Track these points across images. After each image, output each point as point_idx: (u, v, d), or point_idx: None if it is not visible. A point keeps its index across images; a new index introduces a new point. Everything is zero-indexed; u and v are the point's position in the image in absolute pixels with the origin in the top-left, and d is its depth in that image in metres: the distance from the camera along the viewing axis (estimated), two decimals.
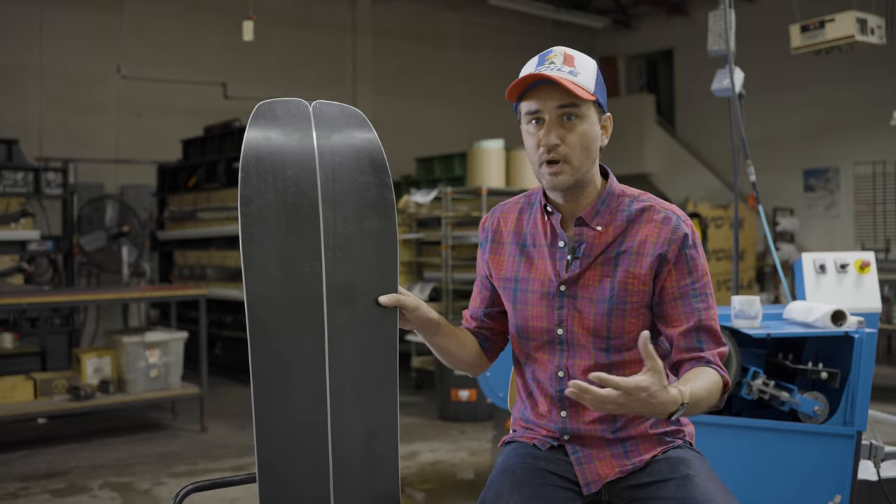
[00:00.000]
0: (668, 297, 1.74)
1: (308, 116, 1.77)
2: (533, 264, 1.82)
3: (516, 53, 12.43)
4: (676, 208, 1.78)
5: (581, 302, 1.76)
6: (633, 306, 1.74)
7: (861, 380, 2.62)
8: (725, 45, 4.01)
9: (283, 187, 1.70)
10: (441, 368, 5.96)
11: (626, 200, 1.79)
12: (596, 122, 1.73)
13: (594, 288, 1.75)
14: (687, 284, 1.74)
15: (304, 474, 1.71)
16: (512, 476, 1.75)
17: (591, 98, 1.70)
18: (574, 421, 1.78)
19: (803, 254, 3.42)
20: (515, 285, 1.83)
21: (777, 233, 10.24)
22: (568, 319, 1.77)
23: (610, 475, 1.76)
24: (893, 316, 7.23)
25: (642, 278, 1.73)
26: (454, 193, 7.17)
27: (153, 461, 4.86)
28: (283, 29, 10.06)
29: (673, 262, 1.73)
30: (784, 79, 10.47)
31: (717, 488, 1.71)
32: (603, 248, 1.76)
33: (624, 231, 1.76)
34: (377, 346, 1.76)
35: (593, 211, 1.76)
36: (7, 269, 6.78)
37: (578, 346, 1.76)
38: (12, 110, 8.49)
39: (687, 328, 1.74)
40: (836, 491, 2.62)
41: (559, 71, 1.69)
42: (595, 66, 1.76)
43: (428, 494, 4.37)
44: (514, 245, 1.86)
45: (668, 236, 1.73)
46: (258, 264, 1.68)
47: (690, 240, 1.75)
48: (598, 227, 1.76)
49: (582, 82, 1.69)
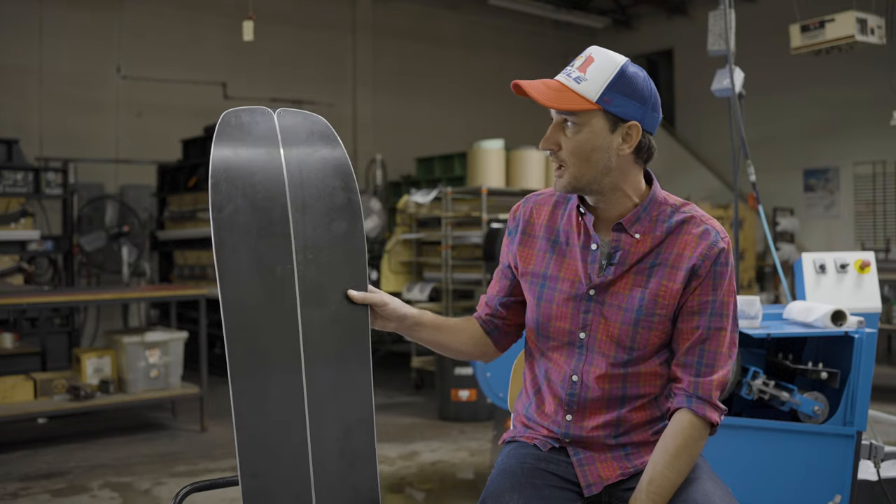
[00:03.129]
0: (687, 310, 1.72)
1: (274, 125, 1.84)
2: (563, 263, 1.79)
3: (516, 53, 12.49)
4: (716, 223, 1.75)
5: (608, 309, 1.73)
6: (660, 318, 1.72)
7: (861, 380, 2.61)
8: (725, 45, 4.01)
9: (252, 192, 1.74)
10: (441, 368, 5.96)
11: (668, 210, 1.75)
12: (601, 131, 1.67)
13: (624, 296, 1.72)
14: (708, 301, 1.71)
15: (285, 474, 1.73)
16: (512, 476, 1.75)
17: (581, 108, 1.66)
18: (578, 426, 1.77)
19: (803, 254, 3.42)
20: (543, 282, 1.80)
21: (777, 233, 10.23)
22: (593, 324, 1.74)
23: (611, 477, 1.75)
24: (893, 316, 7.23)
25: (674, 292, 1.71)
26: (454, 193, 7.17)
27: (153, 461, 4.86)
28: (284, 29, 10.05)
29: (703, 276, 1.70)
30: (784, 79, 10.47)
31: (718, 489, 1.71)
32: (639, 258, 1.73)
33: (662, 242, 1.73)
34: (351, 344, 1.79)
35: (634, 217, 1.73)
36: (7, 269, 6.79)
37: (598, 352, 1.74)
38: (12, 110, 8.49)
39: (691, 344, 1.72)
40: (836, 491, 2.62)
41: (567, 76, 1.69)
42: (615, 70, 1.66)
43: (428, 494, 4.37)
44: (545, 240, 1.83)
45: (705, 251, 1.70)
46: (232, 268, 1.72)
47: (724, 257, 1.71)
48: (636, 234, 1.73)
49: (583, 90, 1.66)
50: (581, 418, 1.77)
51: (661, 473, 1.66)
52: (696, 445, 1.70)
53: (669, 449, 1.68)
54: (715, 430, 1.74)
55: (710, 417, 1.71)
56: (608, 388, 1.74)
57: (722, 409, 1.73)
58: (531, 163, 7.46)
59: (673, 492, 1.67)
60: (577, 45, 13.24)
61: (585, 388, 1.75)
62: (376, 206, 8.68)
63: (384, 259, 7.60)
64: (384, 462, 4.78)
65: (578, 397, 1.76)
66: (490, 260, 6.50)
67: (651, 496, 1.65)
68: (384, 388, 7.09)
